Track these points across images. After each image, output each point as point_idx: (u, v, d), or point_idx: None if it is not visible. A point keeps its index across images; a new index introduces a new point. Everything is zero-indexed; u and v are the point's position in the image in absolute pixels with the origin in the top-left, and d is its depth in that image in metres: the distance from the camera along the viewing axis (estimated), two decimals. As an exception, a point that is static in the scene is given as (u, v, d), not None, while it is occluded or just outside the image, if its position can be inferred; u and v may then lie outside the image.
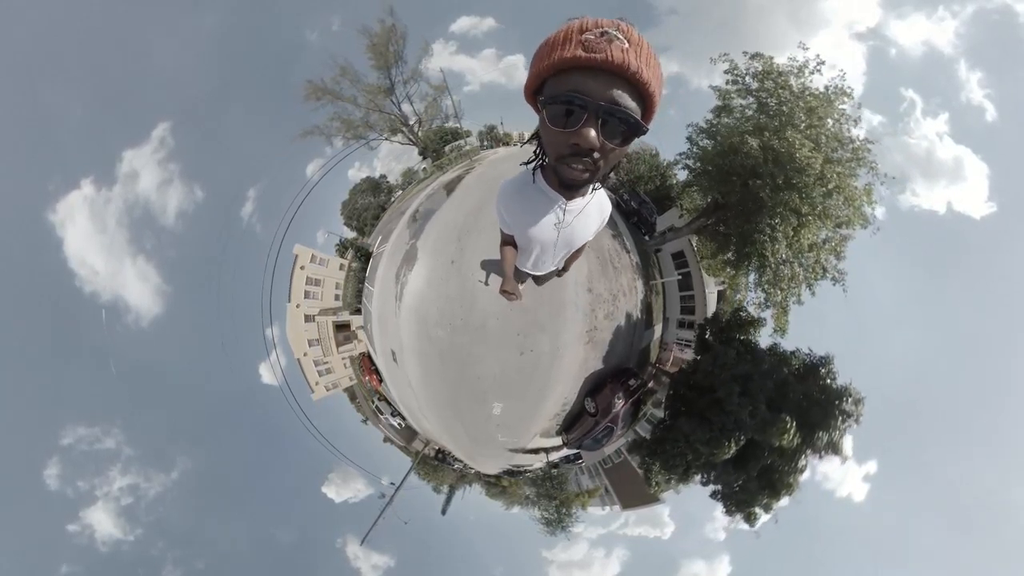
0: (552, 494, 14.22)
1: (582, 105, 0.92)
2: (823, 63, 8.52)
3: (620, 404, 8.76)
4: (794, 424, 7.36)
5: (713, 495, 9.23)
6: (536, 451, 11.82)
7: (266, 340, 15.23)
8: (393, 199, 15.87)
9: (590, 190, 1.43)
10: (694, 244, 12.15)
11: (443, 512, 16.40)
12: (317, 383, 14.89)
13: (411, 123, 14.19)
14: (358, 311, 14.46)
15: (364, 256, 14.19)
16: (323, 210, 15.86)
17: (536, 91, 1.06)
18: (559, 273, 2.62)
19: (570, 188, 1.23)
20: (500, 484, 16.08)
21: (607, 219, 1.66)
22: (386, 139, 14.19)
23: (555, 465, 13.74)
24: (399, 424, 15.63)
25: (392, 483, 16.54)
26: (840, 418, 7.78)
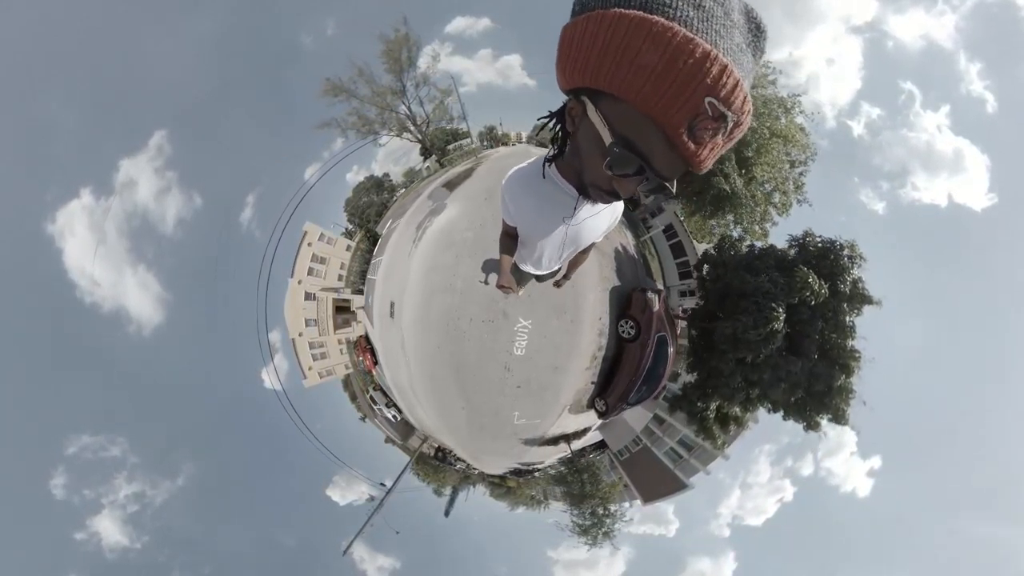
0: (588, 492, 11.91)
1: (647, 177, 0.80)
2: None
3: (657, 304, 8.02)
4: (812, 273, 7.78)
5: (786, 415, 8.72)
6: (555, 440, 9.96)
7: (264, 345, 15.06)
8: (396, 196, 16.83)
9: None
10: (680, 216, 13.51)
11: (446, 514, 15.45)
12: (310, 368, 14.36)
13: (419, 123, 15.65)
14: (360, 291, 14.57)
15: (372, 238, 14.69)
16: (322, 213, 16.52)
17: (590, 85, 0.75)
18: (558, 283, 2.48)
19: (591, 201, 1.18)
20: (505, 484, 15.31)
21: (618, 218, 1.53)
22: (395, 135, 15.50)
23: (574, 458, 11.94)
24: (394, 416, 14.99)
25: (382, 484, 15.40)
26: (848, 263, 8.32)
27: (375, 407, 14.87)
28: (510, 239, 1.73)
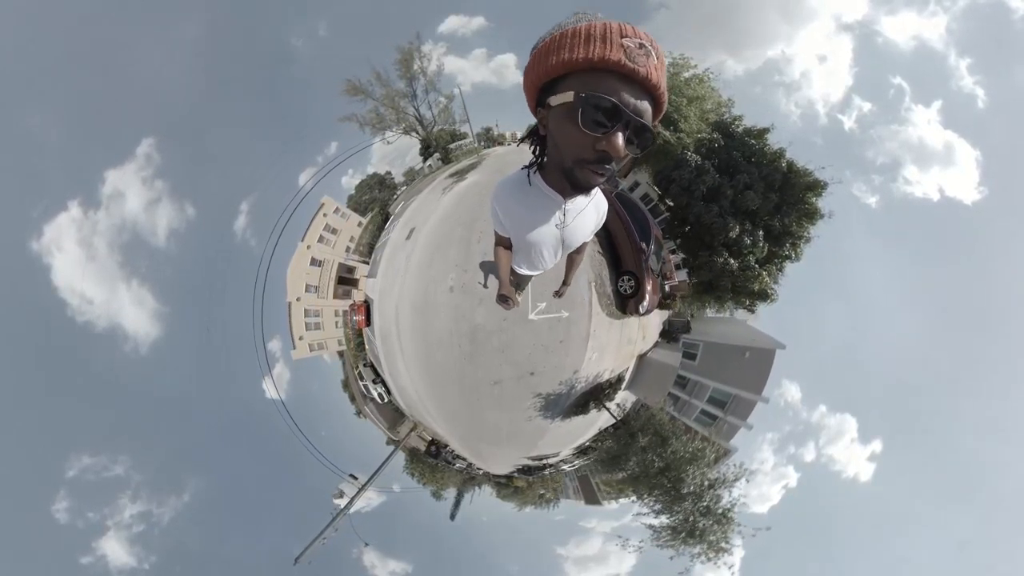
0: (671, 458, 7.51)
1: (617, 114, 0.93)
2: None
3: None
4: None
5: (784, 225, 10.07)
6: (583, 403, 8.76)
7: (262, 355, 14.38)
8: (398, 194, 17.76)
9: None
10: (651, 184, 15.21)
11: (452, 517, 13.75)
12: (301, 338, 13.43)
13: (426, 124, 17.53)
14: (365, 262, 14.44)
15: (384, 216, 15.11)
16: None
17: (545, 85, 1.03)
18: (558, 292, 2.65)
19: (582, 191, 1.21)
20: (513, 484, 13.67)
21: (604, 216, 1.66)
22: (404, 133, 17.18)
23: (618, 422, 9.31)
24: (380, 396, 13.72)
25: (353, 476, 13.39)
26: (728, 118, 10.99)
27: (362, 383, 13.66)
28: (505, 251, 1.82)
